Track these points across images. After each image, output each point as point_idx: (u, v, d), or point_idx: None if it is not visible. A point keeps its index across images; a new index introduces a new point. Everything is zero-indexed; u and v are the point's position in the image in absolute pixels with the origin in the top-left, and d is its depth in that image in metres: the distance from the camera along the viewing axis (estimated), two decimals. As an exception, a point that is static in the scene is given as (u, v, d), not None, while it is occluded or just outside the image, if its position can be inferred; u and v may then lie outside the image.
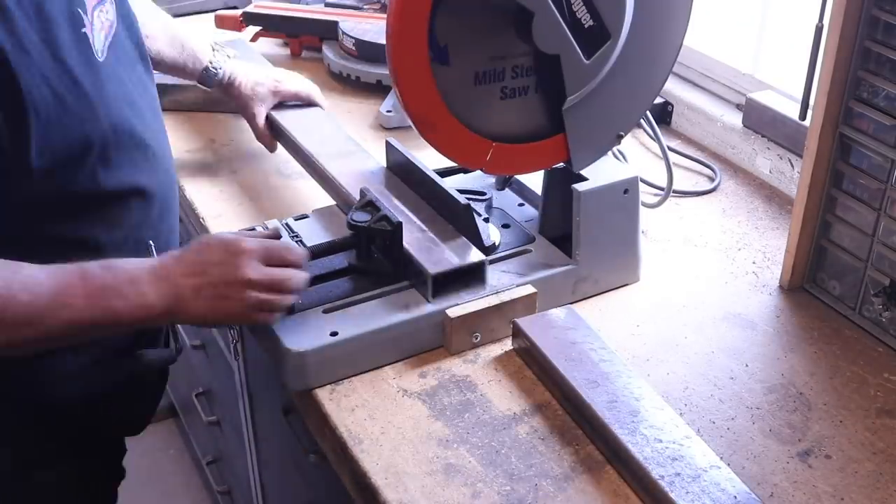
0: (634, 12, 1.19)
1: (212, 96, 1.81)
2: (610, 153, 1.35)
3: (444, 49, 1.17)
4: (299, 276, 1.11)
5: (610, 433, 1.05)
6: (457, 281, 1.23)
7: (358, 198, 1.31)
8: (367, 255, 1.27)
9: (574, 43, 1.17)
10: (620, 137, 1.30)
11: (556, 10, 1.14)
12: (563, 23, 1.15)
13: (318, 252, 1.24)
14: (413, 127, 1.19)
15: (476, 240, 1.28)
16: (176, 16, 2.24)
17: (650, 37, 1.25)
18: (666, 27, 1.26)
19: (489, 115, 1.22)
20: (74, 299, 0.99)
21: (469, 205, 1.28)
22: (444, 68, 1.17)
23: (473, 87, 1.20)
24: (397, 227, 1.23)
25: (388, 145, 1.44)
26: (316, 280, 1.25)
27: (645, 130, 1.74)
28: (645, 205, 1.45)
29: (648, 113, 1.38)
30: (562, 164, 1.30)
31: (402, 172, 1.42)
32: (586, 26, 1.17)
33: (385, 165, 1.46)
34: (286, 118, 1.60)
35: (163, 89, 1.81)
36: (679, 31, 1.27)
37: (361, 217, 1.24)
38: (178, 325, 1.32)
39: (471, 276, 1.24)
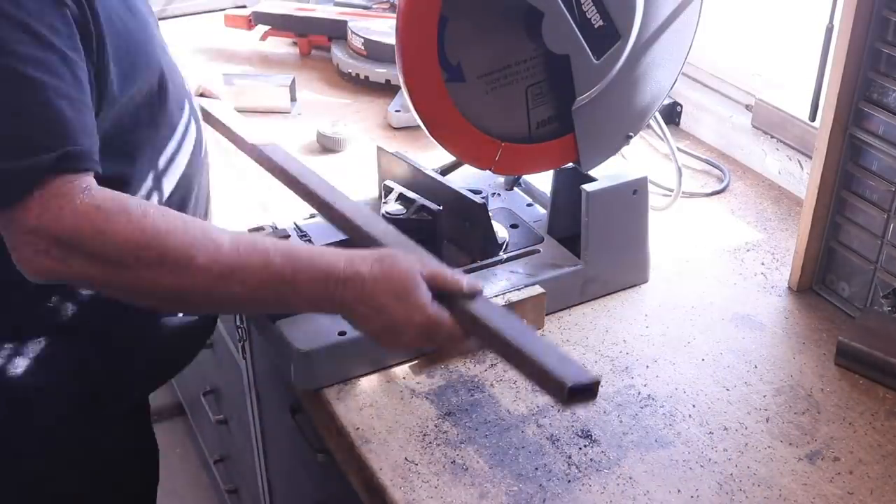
0: (644, 13, 1.19)
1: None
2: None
3: (457, 67, 1.17)
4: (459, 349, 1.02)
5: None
6: None
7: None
8: None
9: (584, 42, 1.17)
10: (630, 138, 1.29)
11: (565, 10, 1.14)
12: (573, 22, 1.15)
13: None
14: (422, 126, 1.19)
15: (490, 238, 1.28)
16: (186, 15, 2.26)
17: (660, 37, 1.24)
18: (676, 27, 1.26)
19: (498, 117, 1.22)
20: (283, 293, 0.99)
21: (485, 204, 1.27)
22: (459, 84, 1.18)
23: (484, 95, 1.20)
24: (438, 215, 1.20)
25: (380, 150, 1.39)
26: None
27: (654, 131, 1.73)
28: (653, 208, 1.44)
29: (658, 114, 1.38)
30: (571, 164, 1.30)
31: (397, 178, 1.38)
32: (596, 26, 1.17)
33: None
34: None
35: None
36: (689, 31, 1.27)
37: (396, 209, 1.21)
38: None
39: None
